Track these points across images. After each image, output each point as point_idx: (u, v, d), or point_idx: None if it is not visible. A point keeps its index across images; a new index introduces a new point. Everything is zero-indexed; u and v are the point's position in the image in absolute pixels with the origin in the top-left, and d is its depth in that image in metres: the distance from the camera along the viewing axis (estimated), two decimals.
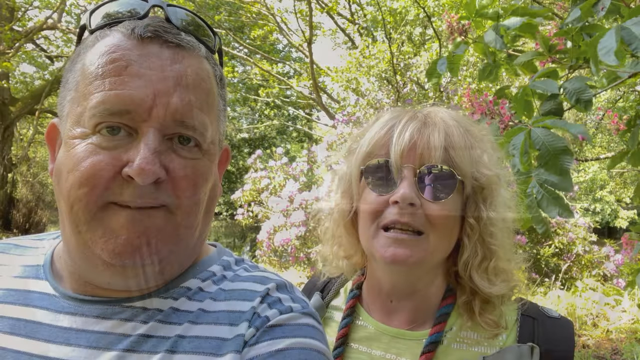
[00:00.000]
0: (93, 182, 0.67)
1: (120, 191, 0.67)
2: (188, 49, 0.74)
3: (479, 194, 1.06)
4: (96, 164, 0.67)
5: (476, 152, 1.06)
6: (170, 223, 0.71)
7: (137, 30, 0.70)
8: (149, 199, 0.68)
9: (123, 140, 0.68)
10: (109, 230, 0.68)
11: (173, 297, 0.76)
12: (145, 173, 0.65)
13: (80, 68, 0.72)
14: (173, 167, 0.70)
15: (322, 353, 0.72)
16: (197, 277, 0.80)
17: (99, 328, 0.73)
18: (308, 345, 0.71)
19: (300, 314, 0.76)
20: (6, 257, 0.88)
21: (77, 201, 0.68)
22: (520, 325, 1.06)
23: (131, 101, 0.67)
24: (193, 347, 0.70)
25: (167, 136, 0.70)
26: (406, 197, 0.99)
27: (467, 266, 1.06)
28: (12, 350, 0.72)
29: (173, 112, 0.69)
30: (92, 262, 0.71)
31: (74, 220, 0.69)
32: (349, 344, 1.14)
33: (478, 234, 1.06)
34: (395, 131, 1.05)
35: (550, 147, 1.31)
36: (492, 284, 1.05)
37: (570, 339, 1.03)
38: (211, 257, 0.86)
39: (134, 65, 0.69)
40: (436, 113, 1.10)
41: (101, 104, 0.67)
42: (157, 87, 0.69)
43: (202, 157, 0.75)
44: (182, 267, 0.80)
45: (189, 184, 0.72)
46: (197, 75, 0.73)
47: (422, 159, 1.02)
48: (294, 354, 0.69)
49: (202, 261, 0.84)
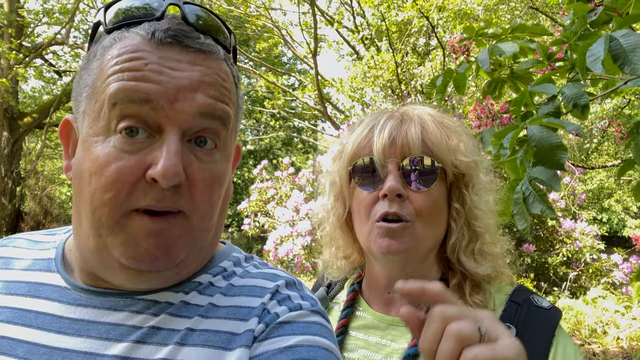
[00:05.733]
0: (118, 186, 0.67)
1: (143, 195, 0.67)
2: (207, 53, 0.73)
3: (461, 180, 1.13)
4: (121, 168, 0.67)
5: (453, 142, 1.13)
6: (187, 230, 0.72)
7: (157, 35, 0.70)
8: (169, 202, 0.68)
9: (144, 143, 0.68)
10: (130, 238, 0.68)
11: (184, 291, 0.77)
12: (169, 175, 0.65)
13: (97, 66, 0.72)
14: (192, 170, 0.70)
15: (330, 350, 0.72)
16: (208, 272, 0.82)
17: (110, 320, 0.73)
18: (316, 342, 0.72)
19: (309, 311, 0.76)
20: (18, 250, 0.89)
21: (100, 206, 0.68)
22: (505, 309, 1.09)
23: (152, 92, 0.67)
24: (203, 341, 0.71)
25: (187, 137, 0.70)
26: (393, 189, 1.07)
27: (454, 249, 1.13)
28: (24, 342, 0.73)
29: (199, 106, 0.69)
30: (109, 263, 0.72)
31: (96, 224, 0.69)
32: (348, 332, 1.20)
33: (464, 217, 1.12)
34: (376, 130, 1.12)
35: (545, 143, 1.36)
36: (479, 264, 1.10)
37: (549, 329, 1.03)
38: (222, 253, 0.87)
39: (154, 64, 0.69)
40: (412, 110, 1.18)
41: (121, 91, 0.67)
42: (181, 83, 0.69)
43: (219, 159, 0.75)
44: (197, 266, 0.81)
45: (206, 189, 0.72)
46: (218, 76, 0.74)
47: (403, 152, 1.09)
48: (302, 351, 0.70)
49: (213, 257, 0.85)
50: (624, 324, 5.89)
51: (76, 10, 12.82)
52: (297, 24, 12.22)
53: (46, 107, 14.09)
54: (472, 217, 1.12)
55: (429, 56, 10.86)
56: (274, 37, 12.98)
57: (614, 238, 20.29)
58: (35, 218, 15.50)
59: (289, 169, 7.01)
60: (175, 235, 0.70)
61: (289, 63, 20.39)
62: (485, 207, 1.14)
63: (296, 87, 16.15)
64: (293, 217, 5.79)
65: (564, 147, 1.35)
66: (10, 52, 11.43)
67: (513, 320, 1.06)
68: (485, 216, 1.14)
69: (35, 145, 17.57)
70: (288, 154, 24.26)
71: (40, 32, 14.52)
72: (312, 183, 6.66)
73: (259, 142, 23.59)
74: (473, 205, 1.12)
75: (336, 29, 12.16)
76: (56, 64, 15.25)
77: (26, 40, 13.23)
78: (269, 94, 14.96)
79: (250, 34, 14.42)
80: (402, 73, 9.49)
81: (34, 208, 15.93)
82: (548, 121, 1.38)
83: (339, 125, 9.68)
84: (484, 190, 1.16)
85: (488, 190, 1.17)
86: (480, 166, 1.16)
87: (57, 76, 15.64)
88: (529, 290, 1.16)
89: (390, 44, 9.77)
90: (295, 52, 13.10)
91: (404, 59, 9.91)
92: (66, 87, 14.06)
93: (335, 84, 11.40)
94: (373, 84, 9.84)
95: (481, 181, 1.16)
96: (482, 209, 1.13)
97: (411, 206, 1.08)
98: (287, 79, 16.17)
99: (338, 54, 15.64)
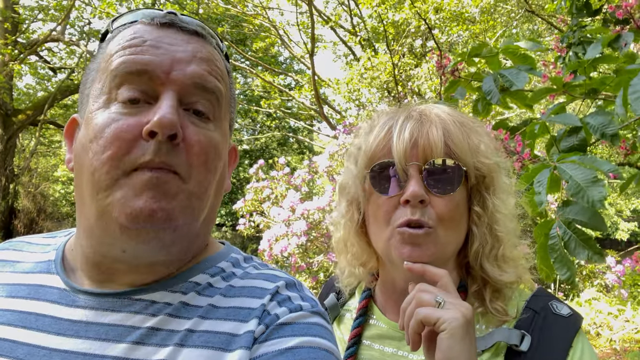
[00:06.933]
0: (117, 144, 0.70)
1: (141, 152, 0.70)
2: (202, 35, 0.81)
3: (482, 183, 1.08)
4: (119, 127, 0.70)
5: (474, 142, 1.08)
6: (184, 191, 0.73)
7: (156, 20, 0.78)
8: (165, 158, 0.70)
9: (143, 107, 0.73)
10: (128, 194, 0.69)
11: (182, 292, 0.77)
12: (165, 123, 0.69)
13: (101, 54, 0.79)
14: (188, 132, 0.73)
15: (330, 352, 0.72)
16: (205, 273, 0.81)
17: (109, 320, 0.74)
18: (317, 344, 0.72)
19: (309, 312, 0.76)
20: (18, 253, 0.90)
21: (100, 166, 0.70)
22: (521, 317, 1.06)
23: (150, 62, 0.73)
24: (203, 342, 0.71)
25: (183, 105, 0.75)
26: (417, 195, 1.01)
27: (478, 255, 1.08)
28: (23, 344, 0.74)
29: (191, 76, 0.75)
30: (109, 229, 0.72)
31: (95, 187, 0.71)
32: (362, 342, 1.15)
33: (486, 222, 1.07)
34: (395, 132, 1.06)
35: (578, 180, 1.24)
36: (503, 271, 1.06)
37: (567, 339, 1.00)
38: (220, 254, 0.87)
39: (153, 40, 0.75)
40: (430, 109, 1.11)
41: (122, 64, 0.73)
42: (176, 56, 0.75)
43: (215, 129, 0.78)
44: (191, 245, 0.81)
45: (202, 151, 0.74)
46: (211, 54, 0.80)
47: (425, 155, 1.03)
48: (302, 352, 0.69)
49: (210, 257, 0.85)
50: (617, 326, 5.93)
51: (72, 7, 12.75)
52: (294, 23, 12.22)
53: (40, 104, 13.98)
54: (494, 221, 1.07)
55: (425, 57, 10.88)
56: (271, 37, 12.97)
57: (606, 240, 20.42)
58: (28, 215, 15.41)
59: (284, 168, 7.01)
60: (172, 191, 0.71)
61: (285, 63, 20.36)
62: (507, 211, 1.09)
63: (293, 87, 16.13)
64: (289, 216, 5.79)
65: (600, 181, 1.22)
66: (6, 48, 11.36)
67: (529, 329, 1.02)
68: (507, 220, 1.09)
69: (29, 143, 17.47)
70: (283, 153, 24.24)
71: (36, 29, 14.37)
72: (308, 183, 6.66)
73: (254, 142, 23.56)
74: (495, 209, 1.07)
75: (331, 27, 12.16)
76: (51, 60, 15.17)
77: (21, 36, 13.13)
78: (266, 93, 14.94)
79: (247, 33, 14.41)
80: (399, 74, 9.50)
81: (28, 205, 15.84)
82: (580, 161, 1.26)
83: (335, 125, 9.68)
84: (505, 192, 1.11)
85: (509, 193, 1.12)
86: (501, 168, 1.12)
87: (52, 73, 15.56)
88: (549, 295, 1.12)
89: (388, 46, 9.79)
90: (292, 52, 13.08)
91: (401, 60, 9.92)
92: (61, 84, 13.98)
93: (332, 84, 11.41)
94: (370, 85, 9.85)
95: (502, 183, 1.11)
96: (504, 212, 1.08)
97: (433, 211, 1.03)
98: (283, 78, 16.16)
99: (335, 54, 15.65)
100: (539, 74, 1.75)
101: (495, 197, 1.08)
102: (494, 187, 1.09)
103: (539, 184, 1.33)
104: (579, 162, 1.28)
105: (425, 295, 0.93)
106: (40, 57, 14.83)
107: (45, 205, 16.90)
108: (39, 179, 17.27)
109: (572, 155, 1.33)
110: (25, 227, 14.94)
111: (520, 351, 0.99)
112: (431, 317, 0.89)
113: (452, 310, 0.89)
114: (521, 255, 1.12)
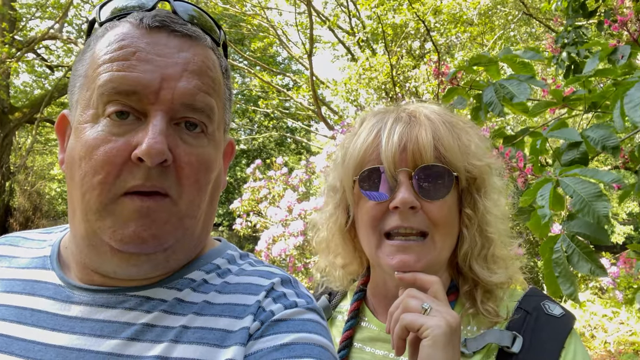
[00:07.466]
0: (107, 169, 0.68)
1: (131, 176, 0.68)
2: (194, 38, 0.76)
3: (473, 185, 1.07)
4: (108, 151, 0.68)
5: (464, 144, 1.06)
6: (175, 214, 0.72)
7: (145, 20, 0.73)
8: (156, 182, 0.69)
9: (132, 125, 0.70)
10: (118, 221, 0.69)
11: (177, 288, 0.77)
12: (153, 153, 0.67)
13: (89, 56, 0.75)
14: (178, 152, 0.71)
15: (325, 348, 0.72)
16: (201, 269, 0.81)
17: (103, 316, 0.74)
18: (312, 340, 0.72)
19: (304, 309, 0.77)
20: (14, 249, 0.89)
21: (90, 189, 0.69)
22: (513, 317, 1.05)
23: (138, 82, 0.69)
24: (197, 338, 0.71)
25: (174, 121, 0.72)
26: (406, 202, 0.99)
27: (466, 257, 1.07)
28: (18, 339, 0.74)
29: (181, 95, 0.71)
30: (100, 249, 0.72)
31: (85, 208, 0.70)
32: (353, 345, 1.14)
33: (477, 224, 1.06)
34: (383, 136, 1.04)
35: (583, 194, 1.23)
36: (493, 272, 1.06)
37: (558, 340, 0.99)
38: (215, 251, 0.87)
39: (142, 52, 0.71)
40: (420, 110, 1.09)
41: (109, 82, 0.69)
42: (165, 72, 0.71)
43: (207, 144, 0.76)
44: (188, 256, 0.81)
45: (193, 172, 0.73)
46: (204, 63, 0.76)
47: (415, 160, 1.01)
48: (297, 348, 0.70)
49: (206, 254, 0.85)
50: (611, 328, 5.95)
51: (70, 5, 12.71)
52: (292, 24, 12.22)
53: (37, 101, 13.94)
54: (484, 222, 1.06)
55: (423, 59, 10.90)
56: (270, 37, 12.96)
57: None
58: (24, 214, 15.36)
59: (282, 168, 7.00)
60: (163, 218, 0.70)
61: (283, 63, 20.37)
62: (498, 212, 1.08)
63: (291, 87, 16.13)
64: (286, 217, 5.78)
65: (604, 196, 1.22)
66: (3, 45, 11.31)
67: (521, 330, 1.01)
68: (498, 220, 1.08)
69: (25, 140, 17.41)
70: (281, 154, 24.23)
71: (33, 27, 14.35)
72: (306, 183, 6.66)
73: (252, 142, 23.56)
74: (485, 211, 1.06)
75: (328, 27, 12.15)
76: (48, 58, 15.11)
77: (19, 34, 13.09)
78: (263, 93, 14.93)
79: (245, 33, 14.40)
80: (397, 75, 9.51)
81: (24, 203, 15.79)
82: (582, 172, 1.26)
83: (333, 126, 9.69)
84: (496, 193, 1.10)
85: (500, 193, 1.11)
86: (492, 169, 1.11)
87: (49, 71, 15.50)
88: (542, 295, 1.10)
89: (386, 47, 9.80)
90: (290, 52, 13.09)
91: (399, 61, 9.93)
92: (58, 82, 13.92)
93: (330, 85, 11.40)
94: (367, 86, 9.85)
95: (494, 184, 1.10)
96: (495, 213, 1.07)
97: (425, 217, 1.01)
98: (281, 78, 16.15)
99: (333, 55, 15.66)
100: (541, 84, 1.74)
101: (487, 198, 1.07)
102: (485, 189, 1.08)
103: (541, 197, 1.33)
104: (581, 175, 1.28)
105: (412, 301, 0.94)
106: (37, 54, 14.77)
107: (41, 204, 16.84)
108: (35, 177, 17.21)
109: (574, 168, 1.33)
110: (21, 225, 14.89)
111: (512, 353, 0.98)
112: (415, 324, 0.89)
113: (436, 317, 0.89)
114: (512, 255, 1.11)
